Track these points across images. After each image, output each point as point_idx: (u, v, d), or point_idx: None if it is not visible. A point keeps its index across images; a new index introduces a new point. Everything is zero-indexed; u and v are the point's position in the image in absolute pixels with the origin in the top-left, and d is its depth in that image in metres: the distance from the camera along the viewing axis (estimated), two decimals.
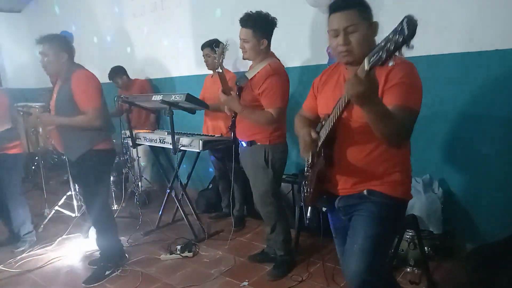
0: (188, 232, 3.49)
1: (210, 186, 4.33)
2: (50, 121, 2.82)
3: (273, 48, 2.68)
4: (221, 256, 3.17)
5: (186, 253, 3.18)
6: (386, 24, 1.52)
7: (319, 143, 1.60)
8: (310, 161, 1.73)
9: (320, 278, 2.71)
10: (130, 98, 3.48)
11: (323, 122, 1.61)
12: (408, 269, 2.69)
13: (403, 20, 1.05)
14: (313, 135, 1.60)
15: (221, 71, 2.55)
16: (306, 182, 1.79)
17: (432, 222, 2.81)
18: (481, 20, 2.59)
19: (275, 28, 2.62)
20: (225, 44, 2.53)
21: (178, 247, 3.24)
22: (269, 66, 2.55)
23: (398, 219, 1.71)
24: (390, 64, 1.13)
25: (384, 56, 1.10)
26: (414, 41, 1.06)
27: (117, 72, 4.66)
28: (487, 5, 2.56)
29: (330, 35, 1.58)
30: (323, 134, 1.58)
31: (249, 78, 2.61)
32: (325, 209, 1.81)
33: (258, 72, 2.57)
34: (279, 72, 2.57)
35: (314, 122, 1.83)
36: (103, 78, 5.24)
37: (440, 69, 2.80)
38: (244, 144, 2.73)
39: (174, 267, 3.05)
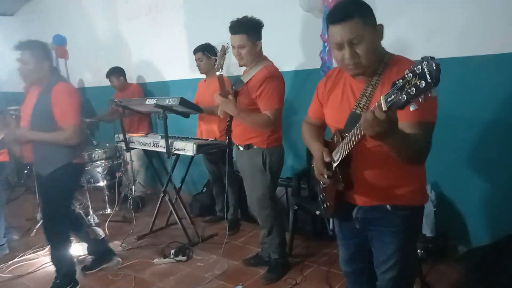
0: (182, 236, 3.48)
1: (204, 190, 4.33)
2: (23, 136, 2.60)
3: (266, 52, 2.70)
4: (215, 260, 3.16)
5: (180, 257, 3.17)
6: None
7: (334, 165, 1.52)
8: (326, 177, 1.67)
9: (314, 281, 2.71)
10: (124, 102, 3.48)
11: (335, 140, 1.54)
12: None
13: (422, 62, 0.98)
14: (326, 158, 1.51)
15: (221, 73, 2.54)
16: (324, 195, 1.74)
17: (425, 225, 2.83)
18: (477, 25, 2.61)
19: (269, 33, 2.64)
20: (226, 46, 2.52)
21: (172, 251, 3.22)
22: (265, 68, 2.56)
23: (420, 222, 1.76)
24: (412, 108, 1.04)
25: (405, 99, 1.03)
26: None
27: (116, 71, 4.65)
28: (483, 9, 2.58)
29: (333, 47, 1.45)
30: (338, 157, 1.49)
31: (245, 82, 2.61)
32: (319, 212, 1.81)
33: (254, 76, 2.58)
34: (276, 75, 2.58)
35: (322, 128, 1.80)
36: (96, 81, 5.25)
37: None
38: (241, 148, 2.72)
39: (168, 271, 3.04)
